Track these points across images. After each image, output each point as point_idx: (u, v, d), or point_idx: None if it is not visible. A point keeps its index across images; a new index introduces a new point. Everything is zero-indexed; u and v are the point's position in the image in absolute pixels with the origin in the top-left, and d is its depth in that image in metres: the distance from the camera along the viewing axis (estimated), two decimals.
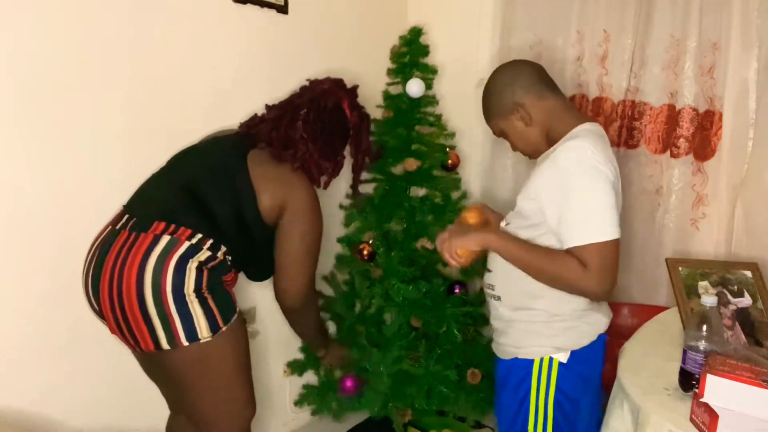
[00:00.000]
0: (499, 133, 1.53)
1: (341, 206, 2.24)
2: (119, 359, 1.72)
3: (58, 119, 1.52)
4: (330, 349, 2.02)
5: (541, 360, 1.40)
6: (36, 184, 1.50)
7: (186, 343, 1.39)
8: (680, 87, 2.00)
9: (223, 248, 1.46)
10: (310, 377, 2.21)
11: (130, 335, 1.41)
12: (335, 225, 2.23)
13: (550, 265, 1.33)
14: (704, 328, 1.21)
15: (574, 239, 1.29)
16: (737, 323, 1.49)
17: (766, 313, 1.52)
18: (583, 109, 2.18)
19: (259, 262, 1.62)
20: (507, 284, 1.46)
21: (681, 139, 2.02)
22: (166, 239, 1.38)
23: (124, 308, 1.37)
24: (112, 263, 1.38)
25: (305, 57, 2.12)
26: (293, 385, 2.29)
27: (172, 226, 1.40)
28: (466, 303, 2.11)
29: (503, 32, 2.32)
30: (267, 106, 1.71)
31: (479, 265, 1.69)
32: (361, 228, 2.18)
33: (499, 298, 1.48)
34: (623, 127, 2.13)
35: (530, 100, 1.42)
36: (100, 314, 1.46)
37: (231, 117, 1.81)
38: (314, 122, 1.61)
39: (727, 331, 1.46)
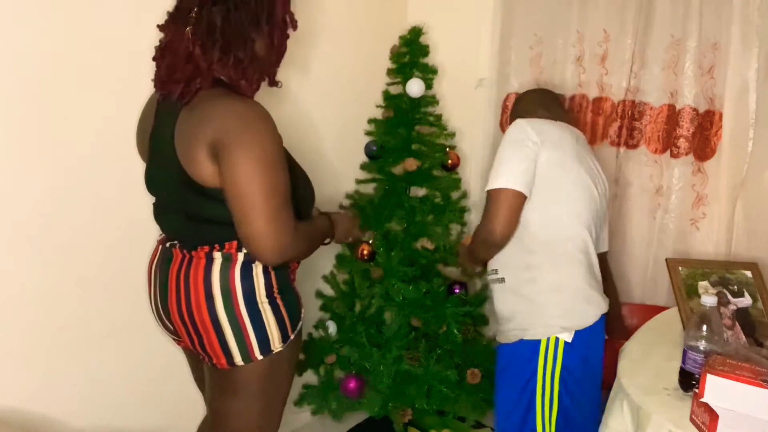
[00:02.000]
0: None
1: (341, 206, 2.24)
2: (120, 359, 1.72)
3: (58, 119, 1.52)
4: (336, 230, 1.55)
5: (548, 340, 1.49)
6: (36, 183, 1.50)
7: (260, 357, 1.31)
8: (680, 87, 2.00)
9: None
10: (310, 377, 2.21)
11: (202, 350, 1.33)
12: None
13: (474, 239, 1.61)
14: (704, 328, 1.21)
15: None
16: (737, 323, 1.48)
17: (766, 313, 1.52)
18: (583, 109, 2.18)
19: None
20: (507, 263, 1.58)
21: (681, 139, 2.01)
22: (219, 254, 1.29)
23: (195, 322, 1.29)
24: (176, 277, 1.30)
25: (305, 57, 2.12)
26: (293, 385, 2.28)
27: (216, 246, 1.29)
28: (466, 303, 2.11)
29: (503, 32, 2.32)
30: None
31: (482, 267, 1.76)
32: (361, 228, 2.18)
33: (503, 281, 1.58)
34: (623, 127, 2.13)
35: (527, 116, 1.66)
36: (174, 333, 1.39)
37: None
38: (207, 25, 1.20)
39: (727, 331, 1.46)
